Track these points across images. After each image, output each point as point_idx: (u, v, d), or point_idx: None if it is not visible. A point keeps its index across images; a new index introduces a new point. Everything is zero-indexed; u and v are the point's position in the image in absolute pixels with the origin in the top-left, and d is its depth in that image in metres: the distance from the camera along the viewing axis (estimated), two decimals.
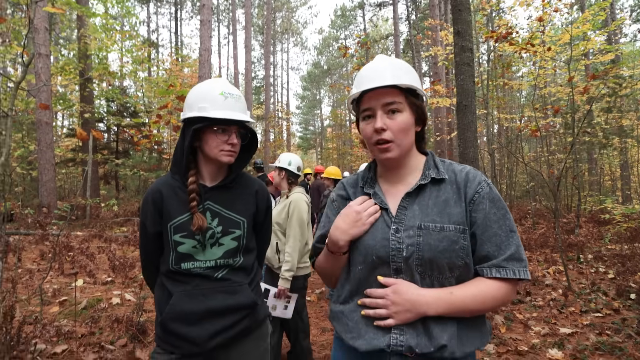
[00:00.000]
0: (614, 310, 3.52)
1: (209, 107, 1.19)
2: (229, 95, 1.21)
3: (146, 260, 1.33)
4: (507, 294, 0.88)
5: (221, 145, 1.22)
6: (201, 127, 1.21)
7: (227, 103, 1.20)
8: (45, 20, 8.07)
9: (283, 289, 2.36)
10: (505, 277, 0.86)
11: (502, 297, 0.87)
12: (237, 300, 1.24)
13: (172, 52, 18.65)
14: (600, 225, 7.95)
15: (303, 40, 36.14)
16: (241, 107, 1.24)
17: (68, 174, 16.51)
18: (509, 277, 0.86)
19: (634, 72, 9.82)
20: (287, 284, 2.36)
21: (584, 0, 12.70)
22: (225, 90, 1.22)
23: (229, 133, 1.23)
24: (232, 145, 1.23)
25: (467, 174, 0.95)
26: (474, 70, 3.91)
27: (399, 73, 0.92)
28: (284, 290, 2.36)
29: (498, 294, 0.87)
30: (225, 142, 1.22)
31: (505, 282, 0.87)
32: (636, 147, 13.25)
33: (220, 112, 1.18)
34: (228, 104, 1.20)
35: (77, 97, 13.65)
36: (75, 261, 5.05)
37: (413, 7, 22.57)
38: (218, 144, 1.22)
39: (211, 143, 1.22)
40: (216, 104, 1.19)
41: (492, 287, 0.87)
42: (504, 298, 0.87)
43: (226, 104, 1.20)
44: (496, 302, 0.87)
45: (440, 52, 10.73)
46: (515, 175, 13.93)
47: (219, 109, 1.19)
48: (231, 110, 1.20)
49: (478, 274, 0.90)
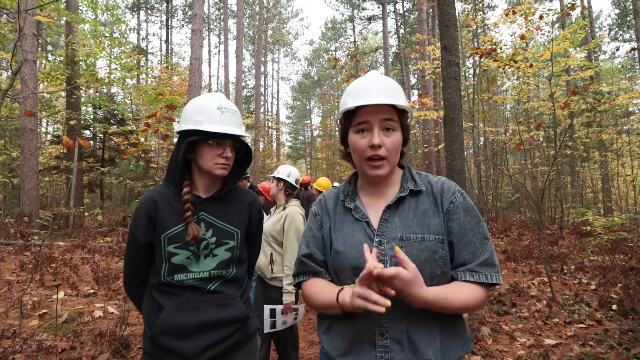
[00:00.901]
0: (597, 321, 3.59)
1: (205, 120, 1.21)
2: (226, 110, 1.24)
3: (132, 273, 1.30)
4: (483, 298, 0.91)
5: (215, 159, 1.24)
6: (196, 140, 1.23)
7: (223, 117, 1.23)
8: (34, 26, 7.97)
9: (289, 303, 2.35)
10: (479, 281, 0.90)
11: (479, 300, 0.90)
12: (229, 313, 1.24)
13: (162, 60, 18.59)
14: (582, 237, 8.14)
15: (294, 51, 36.48)
16: (237, 122, 1.27)
17: (51, 182, 16.11)
18: (482, 282, 0.90)
19: (612, 88, 10.22)
20: (292, 297, 2.35)
21: (565, 19, 13.20)
22: (222, 105, 1.24)
23: (224, 147, 1.25)
24: (227, 159, 1.25)
25: (442, 185, 0.99)
26: (460, 84, 4.02)
27: (395, 93, 0.95)
28: (290, 304, 2.35)
29: (478, 298, 0.90)
30: (220, 156, 1.24)
31: (480, 286, 0.91)
32: (616, 161, 13.68)
33: (216, 126, 1.20)
34: (224, 118, 1.23)
35: (63, 103, 13.44)
36: (57, 272, 4.91)
37: (402, 22, 23.07)
38: (212, 157, 1.23)
39: (206, 156, 1.24)
40: (213, 118, 1.22)
41: (474, 291, 0.90)
42: (480, 302, 0.91)
43: (222, 119, 1.23)
44: (475, 305, 0.90)
45: (428, 66, 10.98)
46: (500, 186, 14.20)
47: (215, 123, 1.21)
48: (227, 124, 1.23)
49: (454, 278, 0.93)
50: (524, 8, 6.44)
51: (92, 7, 10.51)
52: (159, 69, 15.90)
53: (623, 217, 6.25)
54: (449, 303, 0.86)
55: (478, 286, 0.91)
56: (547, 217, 11.27)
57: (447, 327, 0.91)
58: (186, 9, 26.85)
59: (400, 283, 0.79)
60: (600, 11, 28.67)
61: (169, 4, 25.97)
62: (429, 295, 0.83)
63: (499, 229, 9.57)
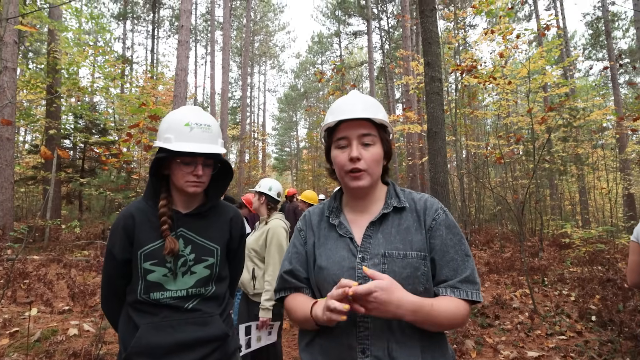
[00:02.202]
0: (577, 332, 3.65)
1: (173, 138, 1.18)
2: (195, 125, 1.19)
3: (109, 291, 1.26)
4: (466, 313, 0.92)
5: (186, 177, 1.20)
6: (165, 158, 1.21)
7: (192, 135, 1.18)
8: (15, 34, 7.80)
9: (265, 320, 2.28)
10: (459, 297, 0.91)
11: (463, 315, 0.91)
12: (207, 332, 1.20)
13: (147, 69, 18.42)
14: (561, 249, 8.34)
15: (280, 64, 36.71)
16: (209, 137, 1.21)
17: (27, 193, 15.57)
18: (462, 298, 0.91)
19: (587, 104, 10.66)
20: (269, 313, 2.29)
21: (542, 38, 13.77)
22: (192, 121, 1.19)
23: (194, 164, 1.20)
24: (197, 177, 1.20)
25: (425, 202, 1.00)
26: (443, 99, 4.11)
27: (373, 109, 0.98)
28: (266, 321, 2.29)
29: (462, 311, 0.90)
30: (190, 174, 1.20)
31: (463, 301, 0.92)
32: (592, 174, 14.18)
33: (184, 144, 1.16)
34: (193, 135, 1.18)
35: (43, 112, 13.10)
36: (30, 288, 4.70)
37: (387, 38, 23.64)
38: (183, 175, 1.20)
39: (177, 174, 1.22)
40: (180, 136, 1.17)
41: (458, 305, 0.90)
42: (464, 317, 0.91)
43: (191, 136, 1.18)
44: (458, 319, 0.90)
45: (412, 81, 11.23)
46: (483, 199, 14.49)
47: (183, 141, 1.17)
48: (196, 141, 1.17)
49: (436, 294, 0.94)
50: (503, 28, 6.70)
51: (77, 16, 10.39)
52: (143, 79, 15.73)
53: (600, 229, 6.45)
54: (435, 310, 0.86)
55: (461, 301, 0.91)
56: (528, 229, 11.53)
57: (428, 344, 0.90)
58: (173, 20, 26.84)
59: (381, 293, 0.79)
60: (575, 31, 30.11)
61: (156, 14, 25.91)
62: (415, 298, 0.84)
63: (482, 241, 9.71)
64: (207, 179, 1.25)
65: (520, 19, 22.07)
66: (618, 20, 21.73)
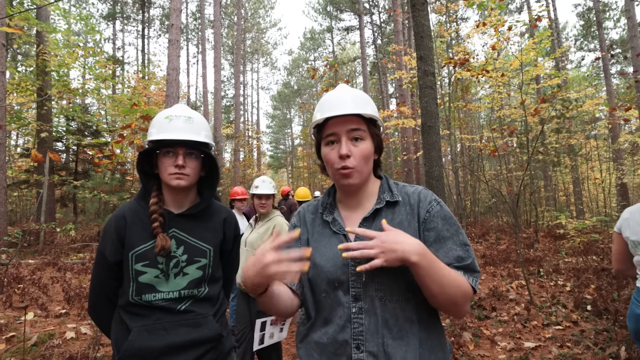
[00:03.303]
0: (573, 322, 3.69)
1: (154, 132, 1.20)
2: (175, 117, 1.20)
3: (100, 294, 1.23)
4: (469, 292, 0.88)
5: (169, 169, 1.19)
6: (147, 152, 1.22)
7: (171, 125, 1.18)
8: (2, 37, 7.68)
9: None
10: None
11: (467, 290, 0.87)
12: (200, 333, 1.19)
13: (138, 69, 18.24)
14: (556, 240, 8.41)
15: (273, 61, 36.58)
16: (189, 128, 1.20)
17: (21, 197, 15.40)
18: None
19: (579, 95, 10.72)
20: None
21: (533, 30, 13.80)
22: (172, 114, 1.20)
23: (175, 155, 1.19)
24: (179, 167, 1.18)
25: (418, 195, 0.99)
26: (436, 92, 4.11)
27: (362, 103, 0.96)
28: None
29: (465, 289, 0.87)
30: (172, 165, 1.19)
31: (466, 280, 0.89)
32: (585, 165, 14.29)
33: (162, 134, 1.17)
34: (173, 125, 1.18)
35: (34, 115, 12.94)
36: (25, 293, 4.66)
37: (379, 33, 23.59)
38: (166, 167, 1.20)
39: (161, 168, 1.21)
40: (161, 128, 1.19)
41: (465, 280, 0.88)
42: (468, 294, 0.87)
43: (170, 126, 1.18)
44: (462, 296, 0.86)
45: (405, 75, 11.22)
46: (478, 192, 14.56)
47: (162, 132, 1.18)
48: (175, 131, 1.18)
49: None
50: (494, 20, 6.71)
51: (65, 17, 10.25)
52: (134, 79, 15.59)
53: (594, 219, 6.51)
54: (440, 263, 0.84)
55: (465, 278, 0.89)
56: (523, 220, 11.61)
57: (426, 337, 0.90)
58: (163, 19, 26.57)
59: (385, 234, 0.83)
60: (566, 22, 30.20)
61: (146, 14, 25.63)
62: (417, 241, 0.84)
63: (478, 234, 9.77)
64: (192, 172, 1.22)
65: (511, 11, 22.11)
66: (609, 10, 21.82)
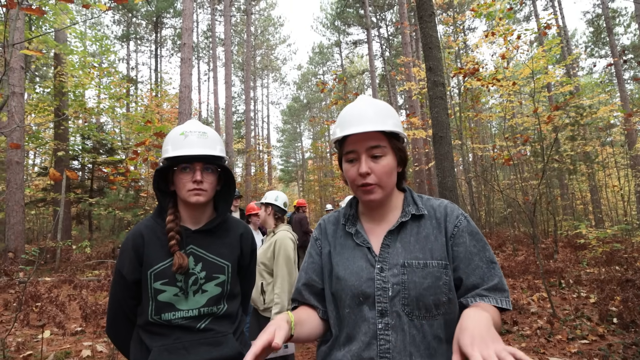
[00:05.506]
0: (599, 336, 3.53)
1: (170, 149, 1.19)
2: (190, 133, 1.20)
3: (118, 314, 1.22)
4: (500, 319, 0.89)
5: (187, 185, 1.19)
6: (164, 169, 1.22)
7: (187, 141, 1.18)
8: (22, 60, 7.99)
9: None
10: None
11: (499, 321, 0.87)
12: (221, 352, 1.17)
13: (151, 88, 18.72)
14: (576, 250, 8.15)
15: (282, 76, 37.12)
16: (205, 143, 1.20)
17: (38, 215, 15.73)
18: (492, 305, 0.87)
19: (592, 101, 10.56)
20: None
21: (543, 38, 13.75)
22: (187, 130, 1.21)
23: (193, 170, 1.19)
24: (197, 183, 1.18)
25: (445, 209, 0.96)
26: (447, 103, 4.09)
27: (383, 118, 0.93)
28: None
29: (498, 317, 0.87)
30: (190, 181, 1.18)
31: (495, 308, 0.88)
32: (602, 172, 13.96)
33: (178, 150, 1.17)
34: (188, 141, 1.18)
35: (51, 134, 13.32)
36: (42, 311, 4.70)
37: (387, 45, 23.80)
38: (184, 184, 1.19)
39: (179, 184, 1.20)
40: (176, 144, 1.19)
41: (494, 310, 0.87)
42: (500, 323, 0.88)
43: (186, 142, 1.18)
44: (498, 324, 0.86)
45: (414, 86, 11.23)
46: (492, 202, 14.31)
47: (178, 148, 1.18)
48: (191, 147, 1.17)
49: (462, 305, 0.90)
50: (503, 29, 6.69)
51: (81, 39, 10.64)
52: (148, 97, 15.98)
53: (615, 228, 6.30)
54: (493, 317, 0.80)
55: (494, 307, 0.87)
56: (540, 230, 11.33)
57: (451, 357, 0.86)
58: (175, 39, 27.34)
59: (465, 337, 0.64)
60: (575, 29, 30.05)
61: (158, 34, 26.44)
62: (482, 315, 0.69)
63: (494, 245, 9.56)
64: (210, 187, 1.22)
65: (519, 20, 22.13)
66: (619, 16, 21.65)
